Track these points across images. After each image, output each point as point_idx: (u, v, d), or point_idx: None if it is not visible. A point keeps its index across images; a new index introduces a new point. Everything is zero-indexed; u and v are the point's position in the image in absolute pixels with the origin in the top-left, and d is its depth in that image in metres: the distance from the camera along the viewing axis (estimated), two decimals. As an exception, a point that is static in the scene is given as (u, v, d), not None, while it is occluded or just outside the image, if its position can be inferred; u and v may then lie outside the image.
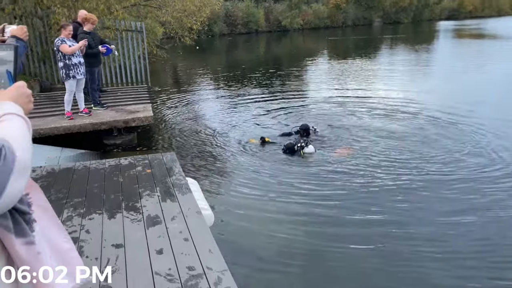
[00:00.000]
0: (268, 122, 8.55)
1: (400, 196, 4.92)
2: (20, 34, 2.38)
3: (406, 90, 11.55)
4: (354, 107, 9.57)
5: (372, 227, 4.28)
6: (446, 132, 7.40)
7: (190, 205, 3.46)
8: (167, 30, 15.99)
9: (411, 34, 39.38)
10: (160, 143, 7.43)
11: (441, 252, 3.82)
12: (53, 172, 4.33)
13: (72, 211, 3.39)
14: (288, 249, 3.92)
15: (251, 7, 49.65)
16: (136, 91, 9.38)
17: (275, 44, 35.70)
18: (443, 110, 8.88)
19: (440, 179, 5.40)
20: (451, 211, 4.53)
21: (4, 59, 1.13)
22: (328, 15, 55.51)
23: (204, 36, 32.56)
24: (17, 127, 0.98)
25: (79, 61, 6.48)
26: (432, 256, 3.75)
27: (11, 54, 1.14)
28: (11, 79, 1.14)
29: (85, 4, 9.34)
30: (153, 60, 14.70)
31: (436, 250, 3.84)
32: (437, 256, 3.76)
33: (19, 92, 1.09)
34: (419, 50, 24.12)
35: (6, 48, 1.14)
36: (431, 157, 6.18)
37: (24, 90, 1.10)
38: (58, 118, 6.79)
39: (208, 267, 2.56)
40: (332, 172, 5.70)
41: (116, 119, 6.91)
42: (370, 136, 7.28)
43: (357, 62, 19.10)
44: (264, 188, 5.25)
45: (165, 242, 2.87)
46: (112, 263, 2.62)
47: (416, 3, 61.96)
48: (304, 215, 4.56)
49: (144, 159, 4.68)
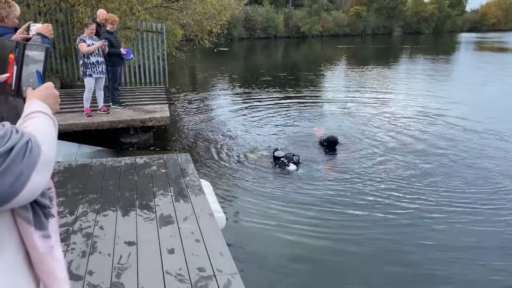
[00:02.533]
0: (285, 128, 8.53)
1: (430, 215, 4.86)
2: (46, 32, 2.44)
3: (426, 102, 11.40)
4: (372, 118, 9.41)
5: (388, 234, 4.24)
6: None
7: (203, 207, 3.48)
8: (186, 32, 16.12)
9: (432, 44, 38.96)
10: (175, 144, 7.49)
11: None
12: (70, 167, 4.40)
13: (87, 207, 3.44)
14: (299, 255, 3.90)
15: (271, 12, 49.89)
16: (154, 91, 9.50)
17: (293, 49, 35.72)
18: (468, 122, 8.80)
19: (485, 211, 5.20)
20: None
21: (35, 58, 1.16)
22: (348, 23, 55.39)
23: (223, 40, 32.74)
24: (44, 124, 1.04)
25: (97, 60, 6.59)
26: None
27: (42, 55, 1.16)
28: (40, 79, 1.17)
29: (108, 4, 9.49)
30: (171, 62, 14.83)
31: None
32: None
33: (48, 93, 1.14)
34: (440, 61, 23.85)
35: (38, 48, 1.17)
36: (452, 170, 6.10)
37: (52, 91, 1.16)
38: (77, 115, 6.91)
39: (219, 269, 2.57)
40: (346, 180, 5.67)
41: (133, 118, 7.00)
42: (391, 151, 7.21)
43: (375, 71, 18.98)
44: (277, 194, 5.24)
45: (176, 242, 2.89)
46: (124, 260, 2.65)
47: (438, 14, 61.35)
48: (316, 221, 4.53)
49: (159, 158, 4.72)
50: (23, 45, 1.14)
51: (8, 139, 0.84)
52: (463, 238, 4.23)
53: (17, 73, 1.14)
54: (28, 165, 0.86)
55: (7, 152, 0.82)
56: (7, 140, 0.84)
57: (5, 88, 1.15)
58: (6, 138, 0.84)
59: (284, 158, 6.05)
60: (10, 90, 1.15)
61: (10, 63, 1.13)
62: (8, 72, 1.14)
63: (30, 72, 1.15)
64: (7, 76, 1.14)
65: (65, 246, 2.79)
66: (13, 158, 0.83)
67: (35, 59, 1.16)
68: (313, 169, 6.05)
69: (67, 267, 2.52)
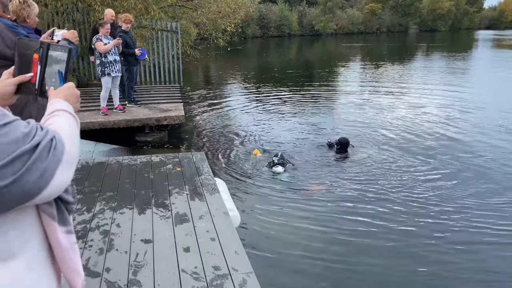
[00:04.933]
0: (299, 128, 8.50)
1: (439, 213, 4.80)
2: (72, 38, 2.53)
3: (446, 104, 11.22)
4: (388, 120, 9.19)
5: (409, 239, 4.19)
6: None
7: (218, 205, 3.50)
8: (201, 31, 16.21)
9: (449, 42, 38.36)
10: (189, 142, 7.53)
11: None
12: (87, 165, 4.47)
13: (104, 205, 3.48)
14: (313, 256, 3.89)
15: (285, 10, 49.73)
16: (169, 90, 9.57)
17: (307, 48, 35.55)
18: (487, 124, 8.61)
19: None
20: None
21: (58, 58, 1.18)
22: (362, 21, 54.93)
23: (237, 38, 32.79)
24: (67, 122, 1.06)
25: (114, 59, 6.66)
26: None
27: (64, 56, 1.19)
28: (62, 79, 1.20)
29: (123, 3, 9.59)
30: (186, 60, 14.94)
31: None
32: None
33: (70, 92, 1.18)
34: (458, 59, 23.46)
35: (61, 48, 1.19)
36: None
37: (74, 91, 1.20)
38: (93, 114, 7.01)
39: (234, 268, 2.58)
40: (362, 181, 5.63)
41: (149, 116, 7.07)
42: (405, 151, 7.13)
43: (390, 69, 18.79)
44: (291, 194, 5.23)
45: (192, 240, 2.91)
46: (140, 258, 2.68)
47: (455, 11, 60.40)
48: (331, 223, 4.51)
49: (174, 157, 4.76)
50: (47, 45, 1.16)
51: (34, 136, 0.86)
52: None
53: (40, 73, 1.16)
54: (52, 162, 0.88)
55: (33, 149, 0.84)
56: (33, 137, 0.86)
57: (29, 87, 1.17)
58: (32, 135, 0.86)
59: (277, 159, 5.96)
60: (33, 89, 1.17)
61: (35, 62, 1.16)
62: (32, 71, 1.17)
63: (52, 72, 1.18)
64: (31, 76, 1.17)
65: (83, 243, 2.84)
66: (38, 155, 0.85)
67: (58, 59, 1.18)
68: (299, 177, 5.78)
69: (85, 264, 2.56)
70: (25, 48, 1.16)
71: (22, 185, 0.82)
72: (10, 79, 1.17)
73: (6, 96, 1.16)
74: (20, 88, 1.17)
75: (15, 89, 1.17)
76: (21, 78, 1.17)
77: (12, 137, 0.82)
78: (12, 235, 0.88)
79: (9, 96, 1.17)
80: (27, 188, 0.83)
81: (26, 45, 1.17)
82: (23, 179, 0.82)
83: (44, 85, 1.18)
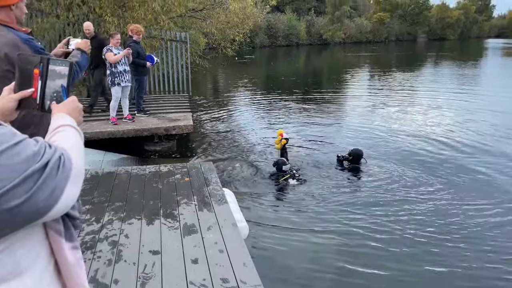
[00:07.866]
0: (310, 137, 8.45)
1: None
2: (84, 47, 2.54)
3: (457, 115, 11.12)
4: (399, 132, 9.00)
5: (418, 249, 4.13)
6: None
7: (226, 216, 3.48)
8: (210, 41, 16.33)
9: (458, 51, 38.18)
10: (198, 152, 7.54)
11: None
12: (97, 175, 4.49)
13: (113, 215, 3.49)
14: (323, 268, 3.84)
15: (293, 19, 49.98)
16: (178, 99, 9.62)
17: (315, 57, 35.61)
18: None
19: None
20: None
21: (61, 73, 1.19)
22: (371, 30, 54.96)
23: (245, 48, 32.97)
24: (73, 137, 1.07)
25: (124, 69, 6.73)
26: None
27: (66, 69, 1.19)
28: (65, 93, 1.20)
29: (133, 14, 9.71)
30: (194, 70, 15.05)
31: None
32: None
33: (73, 106, 1.18)
34: (468, 67, 23.31)
35: (62, 63, 1.19)
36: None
37: (76, 104, 1.19)
38: (103, 123, 7.06)
39: (242, 280, 2.55)
40: (373, 194, 5.57)
41: (157, 126, 7.10)
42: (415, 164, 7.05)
43: (399, 79, 18.72)
44: (300, 205, 5.19)
45: (200, 252, 2.90)
46: (148, 270, 2.67)
47: (464, 20, 60.20)
48: (340, 235, 4.46)
49: (183, 167, 4.76)
50: (47, 60, 1.16)
51: (43, 154, 0.86)
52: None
53: (41, 88, 1.16)
54: (61, 179, 0.88)
55: (43, 167, 0.85)
56: (42, 155, 0.86)
57: (31, 102, 1.18)
58: (41, 153, 0.86)
59: (293, 171, 5.96)
60: (35, 104, 1.18)
61: (35, 77, 1.16)
62: (34, 86, 1.17)
63: (54, 86, 1.18)
64: (32, 91, 1.17)
65: (91, 254, 2.84)
66: (48, 173, 0.85)
67: (60, 73, 1.18)
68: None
69: (94, 275, 2.56)
70: (26, 63, 1.16)
71: (33, 204, 0.82)
72: (11, 95, 1.17)
73: (7, 112, 1.17)
74: (21, 103, 1.18)
75: (16, 105, 1.17)
76: (22, 93, 1.17)
77: (23, 156, 0.83)
78: (21, 254, 0.88)
79: (11, 112, 1.18)
80: (38, 207, 0.83)
81: (26, 60, 1.17)
82: (34, 198, 0.82)
83: (45, 100, 1.18)
